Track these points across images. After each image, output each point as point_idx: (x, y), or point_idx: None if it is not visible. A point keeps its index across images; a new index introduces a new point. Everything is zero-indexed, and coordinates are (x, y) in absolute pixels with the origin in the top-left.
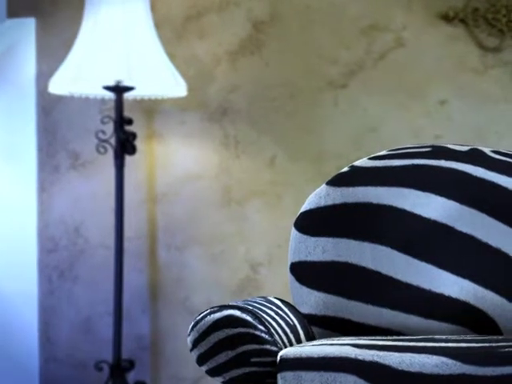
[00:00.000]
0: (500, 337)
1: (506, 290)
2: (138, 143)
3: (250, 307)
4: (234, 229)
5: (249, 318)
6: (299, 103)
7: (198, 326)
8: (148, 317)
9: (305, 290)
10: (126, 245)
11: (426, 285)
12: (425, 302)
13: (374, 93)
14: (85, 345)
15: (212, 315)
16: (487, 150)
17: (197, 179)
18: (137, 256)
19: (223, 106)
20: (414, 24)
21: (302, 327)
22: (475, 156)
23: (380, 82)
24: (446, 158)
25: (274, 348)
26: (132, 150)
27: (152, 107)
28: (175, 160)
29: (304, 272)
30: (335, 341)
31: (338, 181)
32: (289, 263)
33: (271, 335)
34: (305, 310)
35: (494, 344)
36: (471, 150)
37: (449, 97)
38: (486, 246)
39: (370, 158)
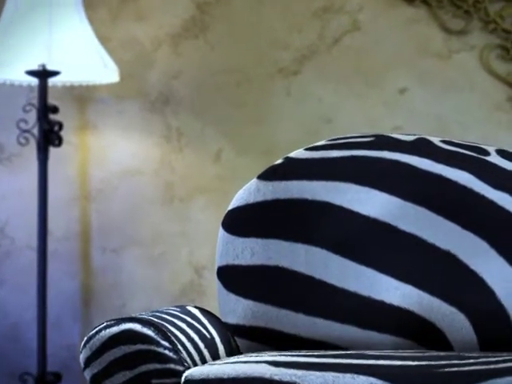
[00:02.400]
0: (442, 353)
1: (456, 298)
2: (70, 135)
3: (156, 320)
4: (177, 229)
5: (150, 333)
6: (248, 91)
7: (91, 343)
8: (80, 325)
9: (232, 297)
10: (56, 246)
11: (364, 291)
12: (363, 310)
13: (329, 80)
14: (12, 353)
15: (108, 330)
16: (436, 140)
17: (135, 174)
18: (68, 259)
19: (164, 95)
20: (371, 5)
21: (223, 341)
22: (422, 146)
23: (335, 68)
24: (389, 149)
25: (180, 367)
26: (58, 142)
27: (85, 95)
28: (111, 153)
29: (231, 277)
30: (253, 357)
31: (269, 174)
32: (216, 267)
33: (177, 352)
34: (232, 320)
35: (432, 362)
36: (417, 139)
37: (409, 84)
38: (433, 248)
39: (306, 149)
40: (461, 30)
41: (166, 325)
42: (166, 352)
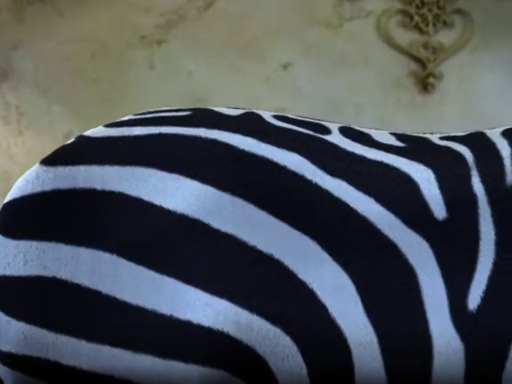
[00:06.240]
0: None
1: (280, 316)
2: None
3: None
4: None
5: None
6: (102, 64)
7: None
8: None
9: (3, 318)
10: None
11: (165, 308)
12: (164, 333)
13: (200, 51)
14: None
15: None
16: (267, 115)
17: None
18: None
19: (2, 68)
20: None
21: None
22: (248, 122)
23: (207, 37)
24: (208, 126)
25: None
26: None
27: None
28: None
29: (2, 292)
30: None
31: (55, 157)
32: None
33: None
34: (4, 347)
35: None
36: (244, 114)
37: (294, 58)
38: (254, 252)
39: (106, 126)
40: None
41: None
42: None
